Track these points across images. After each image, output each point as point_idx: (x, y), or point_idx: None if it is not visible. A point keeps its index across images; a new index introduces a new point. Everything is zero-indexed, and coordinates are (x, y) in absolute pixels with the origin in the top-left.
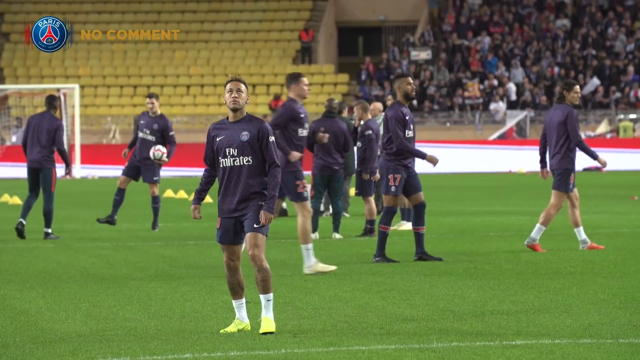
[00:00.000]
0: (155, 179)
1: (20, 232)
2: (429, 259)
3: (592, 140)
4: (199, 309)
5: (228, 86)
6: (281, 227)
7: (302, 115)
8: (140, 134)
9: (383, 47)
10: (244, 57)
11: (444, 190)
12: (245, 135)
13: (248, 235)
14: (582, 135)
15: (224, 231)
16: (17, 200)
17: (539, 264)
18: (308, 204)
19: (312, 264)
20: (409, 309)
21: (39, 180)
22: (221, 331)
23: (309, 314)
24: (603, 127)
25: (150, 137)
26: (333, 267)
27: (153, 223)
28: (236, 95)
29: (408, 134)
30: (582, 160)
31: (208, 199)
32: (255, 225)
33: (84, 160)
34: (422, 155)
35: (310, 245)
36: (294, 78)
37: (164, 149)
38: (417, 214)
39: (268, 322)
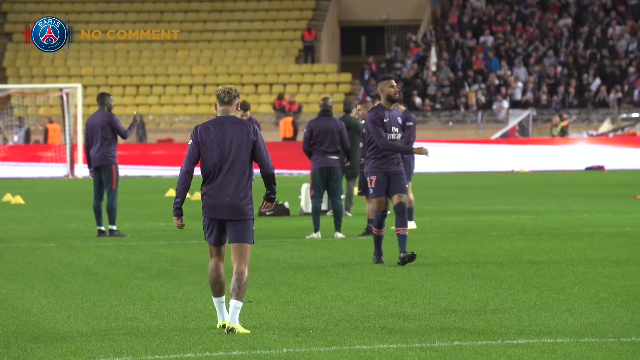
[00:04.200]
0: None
1: (109, 233)
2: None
3: (594, 139)
4: (201, 308)
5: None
6: (283, 227)
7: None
8: None
9: (386, 46)
10: (247, 56)
11: (446, 190)
12: None
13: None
14: (585, 135)
15: None
16: (19, 200)
17: (541, 263)
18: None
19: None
20: (411, 308)
21: (102, 179)
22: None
23: (311, 313)
24: (606, 126)
25: None
26: None
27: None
28: None
29: (387, 137)
30: (584, 159)
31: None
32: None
33: (86, 160)
34: (409, 150)
35: None
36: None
37: None
38: (397, 216)
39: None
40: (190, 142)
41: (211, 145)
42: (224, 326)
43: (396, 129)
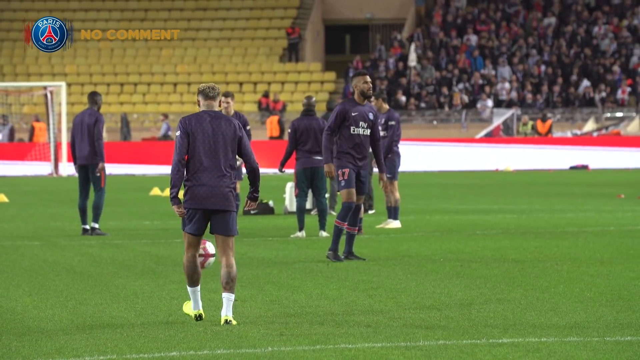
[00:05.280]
0: (241, 176)
1: (90, 231)
2: (353, 259)
3: (578, 139)
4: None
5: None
6: (268, 226)
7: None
8: None
9: (370, 45)
10: (231, 55)
11: (431, 189)
12: None
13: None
14: (569, 134)
15: None
16: (3, 198)
17: (526, 262)
18: None
19: None
20: (396, 307)
21: (89, 177)
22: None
23: (296, 312)
24: (590, 125)
25: None
26: None
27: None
28: None
29: (354, 131)
30: (568, 159)
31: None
32: None
33: (70, 158)
34: (325, 160)
35: None
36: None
37: None
38: (351, 215)
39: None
40: (178, 133)
41: (200, 137)
42: (199, 315)
43: (364, 124)
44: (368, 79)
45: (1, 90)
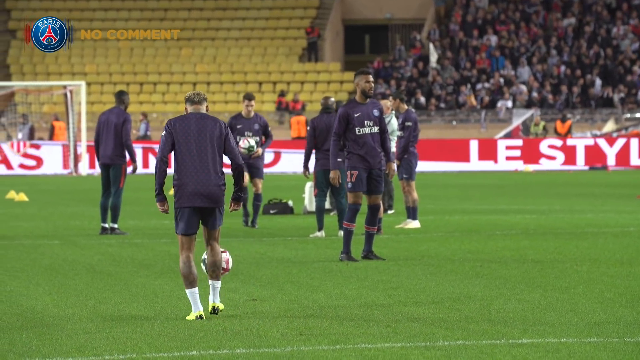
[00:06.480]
0: (262, 175)
1: (110, 230)
2: (373, 258)
3: (599, 139)
4: (205, 307)
5: None
6: (287, 225)
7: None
8: (243, 138)
9: (390, 45)
10: (251, 54)
11: (450, 189)
12: None
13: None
14: (588, 134)
15: None
16: (23, 197)
17: (545, 262)
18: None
19: None
20: (415, 307)
21: (110, 176)
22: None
23: (315, 312)
24: (610, 126)
25: (255, 139)
26: None
27: (253, 220)
28: None
29: (360, 131)
30: (588, 159)
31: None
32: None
33: (90, 158)
34: (332, 165)
35: None
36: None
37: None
38: (370, 214)
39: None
40: (163, 133)
41: (186, 137)
42: (200, 316)
43: (370, 123)
44: (370, 78)
45: (21, 90)
